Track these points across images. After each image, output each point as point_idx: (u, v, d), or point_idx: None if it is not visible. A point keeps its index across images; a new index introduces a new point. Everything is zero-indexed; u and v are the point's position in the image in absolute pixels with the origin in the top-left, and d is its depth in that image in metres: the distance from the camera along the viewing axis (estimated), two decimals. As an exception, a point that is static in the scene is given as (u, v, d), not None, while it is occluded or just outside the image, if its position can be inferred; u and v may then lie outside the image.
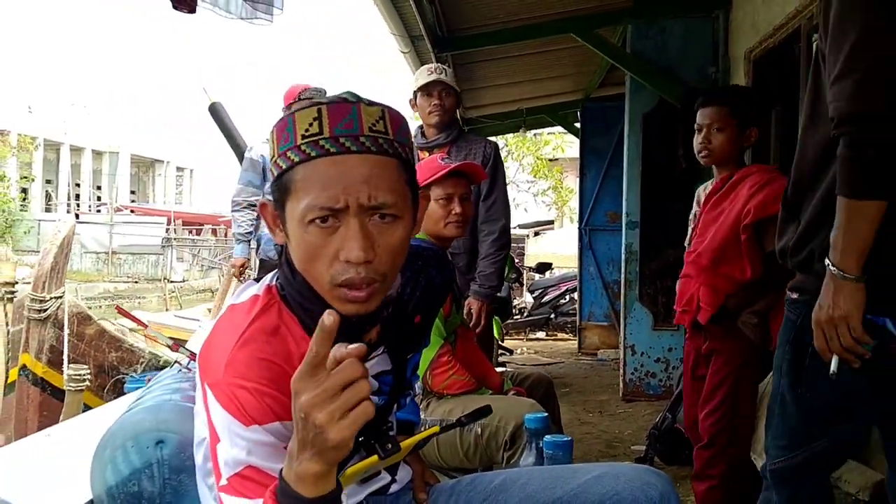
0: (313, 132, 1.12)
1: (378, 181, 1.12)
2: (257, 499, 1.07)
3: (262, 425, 1.09)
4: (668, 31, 5.44)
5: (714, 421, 2.64)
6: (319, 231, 1.11)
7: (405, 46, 5.57)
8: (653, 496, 1.34)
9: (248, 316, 1.18)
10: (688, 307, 2.72)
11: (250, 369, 1.11)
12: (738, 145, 2.69)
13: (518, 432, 2.28)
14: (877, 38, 1.43)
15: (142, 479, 1.59)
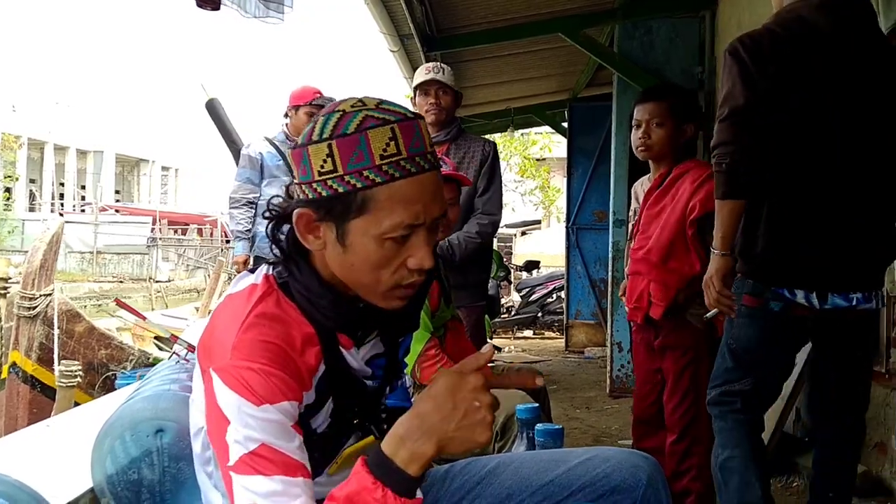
0: (392, 152, 1.15)
1: (440, 194, 1.22)
2: (273, 475, 1.10)
3: (272, 404, 1.13)
4: (655, 32, 5.49)
5: (682, 413, 2.71)
6: (395, 245, 1.18)
7: (394, 45, 5.60)
8: (640, 478, 1.38)
9: (249, 302, 1.21)
10: (639, 304, 2.77)
11: (256, 351, 1.15)
12: (675, 141, 2.75)
13: (509, 423, 2.31)
14: (736, 91, 2.08)
15: (141, 468, 1.61)
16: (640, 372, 2.96)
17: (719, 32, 5.34)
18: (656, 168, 2.82)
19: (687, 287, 2.66)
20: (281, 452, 1.12)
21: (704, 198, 2.59)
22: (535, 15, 5.67)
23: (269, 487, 1.10)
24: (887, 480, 3.17)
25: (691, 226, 2.62)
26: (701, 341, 2.72)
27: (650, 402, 2.87)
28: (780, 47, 2.11)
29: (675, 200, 2.69)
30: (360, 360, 1.32)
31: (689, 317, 2.69)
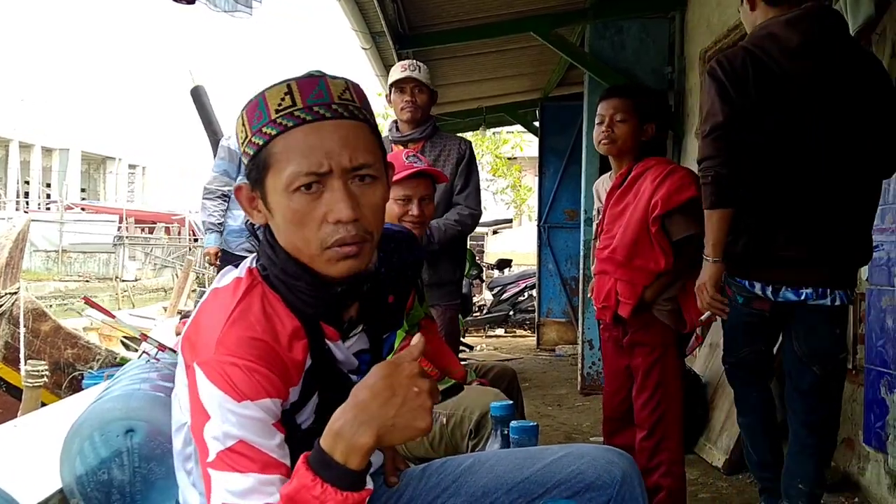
0: (287, 105, 1.16)
1: (356, 143, 1.17)
2: (248, 472, 1.09)
3: (254, 401, 1.11)
4: (626, 32, 5.53)
5: (651, 409, 2.72)
6: (305, 197, 1.16)
7: (366, 43, 5.58)
8: (615, 475, 1.39)
9: (234, 297, 1.20)
10: (607, 303, 2.79)
11: (241, 347, 1.14)
12: (637, 138, 2.78)
13: (483, 421, 2.31)
14: (716, 108, 2.28)
15: (112, 468, 1.59)
16: (609, 369, 2.97)
17: (689, 32, 5.40)
18: (617, 166, 2.85)
19: (652, 284, 2.69)
20: (259, 450, 1.11)
21: (666, 195, 2.62)
22: (507, 14, 5.68)
23: (245, 485, 1.09)
24: (854, 476, 3.22)
25: (654, 223, 2.64)
26: (669, 337, 2.76)
27: (620, 400, 2.89)
28: (755, 68, 2.29)
29: (637, 198, 2.71)
30: (346, 352, 1.31)
31: (657, 312, 2.72)
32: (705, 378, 4.03)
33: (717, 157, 2.27)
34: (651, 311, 2.72)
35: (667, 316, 2.72)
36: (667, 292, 2.71)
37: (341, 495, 1.04)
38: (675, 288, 2.71)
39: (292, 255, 1.22)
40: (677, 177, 2.67)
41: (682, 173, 2.72)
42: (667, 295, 2.71)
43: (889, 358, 2.82)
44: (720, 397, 3.82)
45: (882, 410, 2.85)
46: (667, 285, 2.70)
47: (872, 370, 2.94)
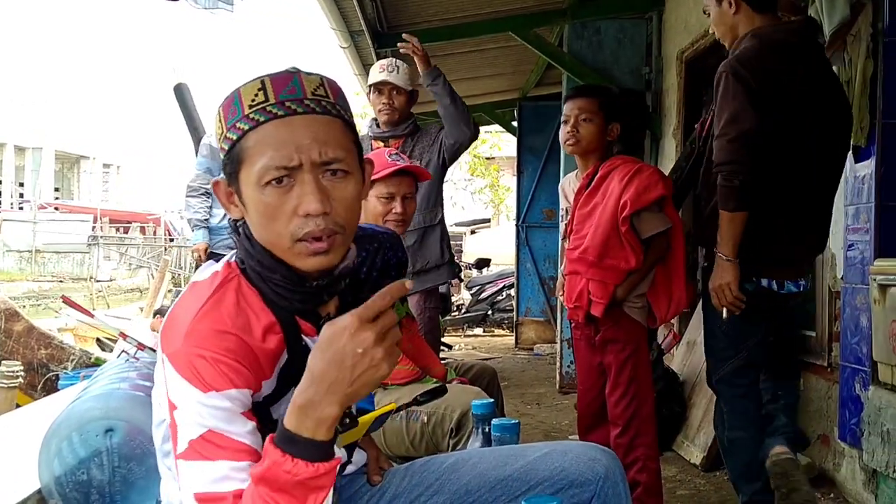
0: (259, 101, 1.18)
1: (326, 138, 1.18)
2: (218, 460, 1.10)
3: (219, 391, 1.12)
4: (604, 32, 5.56)
5: (625, 406, 2.76)
6: (276, 191, 1.17)
7: (345, 41, 5.56)
8: (598, 471, 1.40)
9: (209, 289, 1.21)
10: (579, 302, 2.81)
11: (209, 339, 1.15)
12: (603, 138, 2.81)
13: (464, 420, 2.32)
14: (742, 114, 2.34)
15: (91, 468, 1.58)
16: (582, 368, 2.99)
17: (666, 33, 5.43)
18: (584, 165, 2.89)
19: (623, 282, 2.72)
20: (228, 437, 1.12)
21: (635, 194, 2.66)
22: (486, 13, 5.69)
23: (216, 472, 1.10)
24: (830, 472, 3.26)
25: (624, 222, 2.67)
26: (639, 334, 2.80)
27: (593, 397, 2.91)
28: (769, 70, 2.39)
29: (605, 198, 2.74)
30: None
31: (628, 309, 2.75)
32: (683, 376, 4.07)
33: (744, 164, 2.33)
34: (621, 308, 2.75)
35: (638, 313, 2.77)
36: (637, 289, 2.74)
37: (313, 467, 1.05)
38: (646, 284, 2.75)
39: (267, 249, 1.22)
40: (645, 176, 2.70)
41: (649, 172, 2.75)
42: (637, 292, 2.75)
43: (863, 355, 2.86)
44: (698, 395, 3.86)
45: (857, 407, 2.89)
46: (637, 282, 2.73)
47: (847, 367, 2.98)
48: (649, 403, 2.80)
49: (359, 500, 1.45)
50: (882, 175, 2.81)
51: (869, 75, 2.81)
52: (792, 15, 3.06)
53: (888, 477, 2.63)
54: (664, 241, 2.74)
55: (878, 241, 2.82)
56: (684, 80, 5.10)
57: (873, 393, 2.72)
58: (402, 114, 3.51)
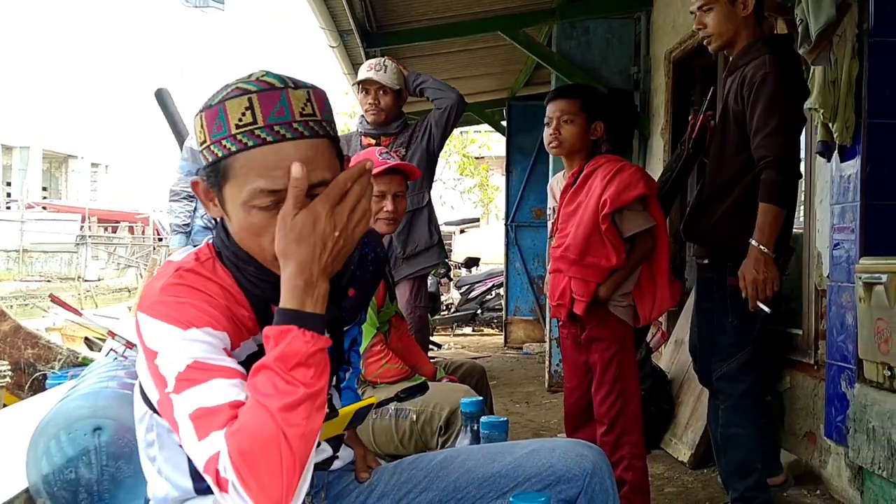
0: (247, 122, 1.16)
1: (315, 163, 1.17)
2: (210, 380, 1.11)
3: (199, 328, 1.15)
4: (592, 32, 5.58)
5: (610, 405, 2.76)
6: (263, 213, 1.18)
7: (334, 41, 5.56)
8: (585, 467, 1.41)
9: (185, 260, 1.25)
10: (561, 300, 2.82)
11: (184, 291, 1.19)
12: (586, 138, 2.82)
13: (452, 418, 2.33)
14: (792, 113, 2.54)
15: (79, 467, 1.58)
16: (568, 366, 2.99)
17: (654, 33, 5.45)
18: (569, 165, 2.89)
19: (606, 280, 2.72)
20: (214, 364, 1.13)
21: (615, 192, 2.66)
22: (475, 13, 5.70)
23: (207, 390, 1.10)
24: (816, 469, 3.29)
25: (604, 220, 2.68)
26: (625, 333, 2.80)
27: (579, 396, 2.91)
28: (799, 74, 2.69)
29: (588, 196, 2.75)
30: None
31: (613, 308, 2.75)
32: (671, 374, 4.08)
33: (796, 160, 2.52)
34: (606, 307, 2.75)
35: (623, 311, 2.77)
36: (622, 288, 2.74)
37: (324, 338, 1.10)
38: (631, 283, 2.75)
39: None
40: (626, 174, 2.71)
41: (631, 171, 2.75)
42: (622, 290, 2.75)
43: (849, 353, 2.88)
44: (685, 393, 3.88)
45: (843, 405, 2.91)
46: (621, 281, 2.74)
47: (833, 365, 3.00)
48: (635, 402, 2.81)
49: (347, 496, 1.46)
50: (867, 174, 2.83)
51: (854, 75, 2.82)
52: (778, 15, 3.08)
53: (873, 474, 2.65)
54: (648, 239, 2.75)
55: (863, 240, 2.83)
56: (672, 80, 5.12)
57: (859, 390, 2.74)
58: (389, 113, 3.54)
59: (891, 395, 2.57)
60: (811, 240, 3.40)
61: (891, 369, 2.58)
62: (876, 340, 2.63)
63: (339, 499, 1.46)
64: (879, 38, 2.81)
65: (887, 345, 2.58)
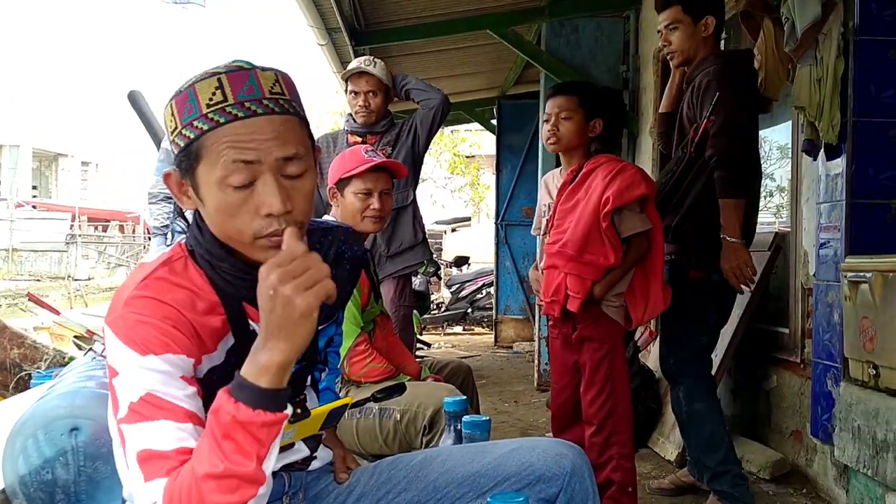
0: (218, 100, 1.16)
1: (287, 137, 1.18)
2: (159, 420, 1.10)
3: (157, 355, 1.13)
4: (581, 30, 5.57)
5: (599, 405, 2.74)
6: (237, 193, 1.17)
7: (322, 39, 5.54)
8: (565, 466, 1.40)
9: (154, 265, 1.23)
10: (556, 297, 2.79)
11: (147, 307, 1.17)
12: (584, 134, 2.81)
13: (436, 417, 2.32)
14: (737, 116, 2.75)
15: (56, 467, 1.56)
16: (557, 365, 2.97)
17: (643, 32, 5.45)
18: (568, 162, 2.88)
19: (601, 279, 2.71)
20: (167, 400, 1.12)
21: (617, 191, 2.65)
22: (464, 11, 5.69)
23: (156, 431, 1.10)
24: (803, 467, 3.29)
25: (605, 218, 2.66)
26: (617, 334, 2.79)
27: (567, 396, 2.89)
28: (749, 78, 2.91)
29: (588, 194, 2.73)
30: None
31: (606, 308, 2.74)
32: (658, 373, 4.08)
33: (739, 155, 2.75)
34: (599, 306, 2.74)
35: (615, 312, 2.75)
36: (616, 288, 2.73)
37: (253, 412, 1.05)
38: (624, 284, 2.74)
39: (219, 239, 1.23)
40: (628, 174, 2.70)
41: (633, 171, 2.75)
42: (616, 291, 2.74)
43: (835, 351, 2.88)
44: (673, 392, 3.87)
45: (829, 403, 2.91)
46: (616, 281, 2.72)
47: (819, 364, 3.00)
48: (625, 403, 2.79)
49: (325, 497, 1.45)
50: (853, 173, 2.83)
51: (840, 74, 2.83)
52: (766, 14, 3.08)
53: (859, 472, 2.65)
54: (644, 241, 2.73)
55: (849, 239, 2.84)
56: (661, 79, 5.12)
57: (844, 389, 2.75)
58: (378, 114, 3.56)
59: (875, 394, 2.58)
60: (798, 238, 3.40)
61: (875, 368, 2.58)
62: (861, 339, 2.63)
63: (318, 499, 1.44)
64: (865, 37, 2.82)
65: (872, 343, 2.58)
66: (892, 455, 2.44)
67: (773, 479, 3.28)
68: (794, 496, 3.15)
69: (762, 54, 3.08)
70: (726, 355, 3.57)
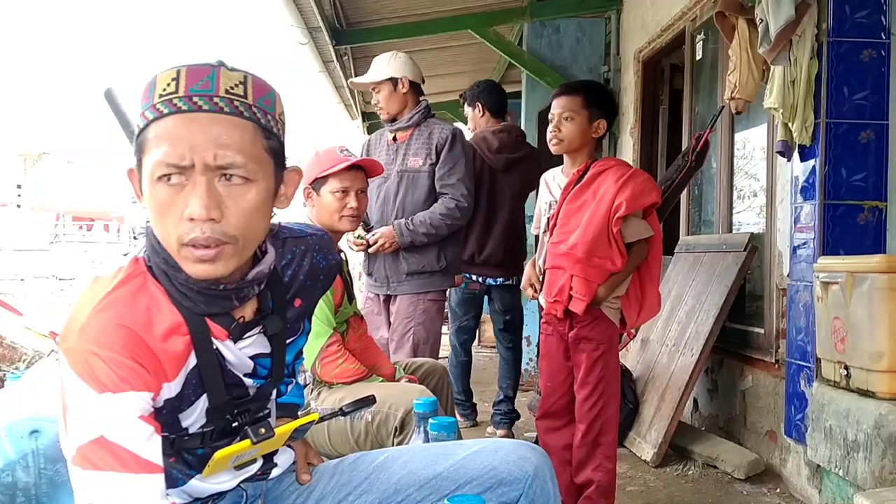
0: (170, 91, 1.12)
1: (227, 141, 1.11)
2: (109, 470, 1.05)
3: (115, 394, 1.07)
4: (563, 31, 5.59)
5: (591, 405, 2.73)
6: (167, 189, 1.11)
7: (304, 38, 5.52)
8: (527, 470, 1.39)
9: (111, 284, 1.16)
10: (559, 297, 2.75)
11: (105, 335, 1.10)
12: (587, 135, 2.76)
13: (408, 418, 2.30)
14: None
15: (16, 470, 1.53)
16: (549, 365, 2.90)
17: (624, 32, 5.47)
18: (573, 163, 2.81)
19: (606, 282, 2.68)
20: (118, 446, 1.07)
21: (631, 196, 2.61)
22: (446, 11, 5.69)
23: (104, 485, 1.06)
24: (777, 467, 3.30)
25: (616, 223, 2.63)
26: (614, 335, 2.77)
27: (560, 395, 2.86)
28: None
29: (597, 197, 2.69)
30: (238, 353, 1.26)
31: (605, 309, 2.73)
32: (636, 373, 4.09)
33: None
34: (599, 308, 2.72)
35: (613, 314, 2.74)
36: (616, 291, 2.73)
37: None
38: (623, 287, 2.73)
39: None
40: (641, 180, 2.67)
41: (645, 177, 2.72)
42: (616, 293, 2.73)
43: (808, 352, 2.90)
44: (649, 392, 3.88)
45: (802, 404, 2.92)
46: (618, 284, 2.71)
47: (793, 364, 3.02)
48: (615, 404, 2.78)
49: (285, 500, 1.43)
50: (826, 174, 2.85)
51: (814, 75, 2.84)
52: (739, 15, 3.09)
53: (831, 472, 2.67)
54: (645, 247, 2.72)
55: (822, 239, 2.86)
56: (641, 79, 5.14)
57: (817, 389, 2.76)
58: (394, 107, 3.48)
59: (847, 394, 2.59)
60: (772, 239, 3.42)
61: (847, 368, 2.59)
62: (833, 340, 2.65)
63: (277, 502, 1.43)
64: (838, 38, 2.84)
65: (843, 344, 2.60)
66: (863, 455, 2.45)
67: (748, 479, 3.29)
68: (768, 496, 3.16)
69: (736, 55, 3.09)
70: (702, 354, 3.58)
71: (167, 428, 1.17)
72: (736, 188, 4.06)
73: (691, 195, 4.55)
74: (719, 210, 4.08)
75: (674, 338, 3.90)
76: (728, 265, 3.68)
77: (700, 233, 4.46)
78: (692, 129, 4.44)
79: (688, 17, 4.36)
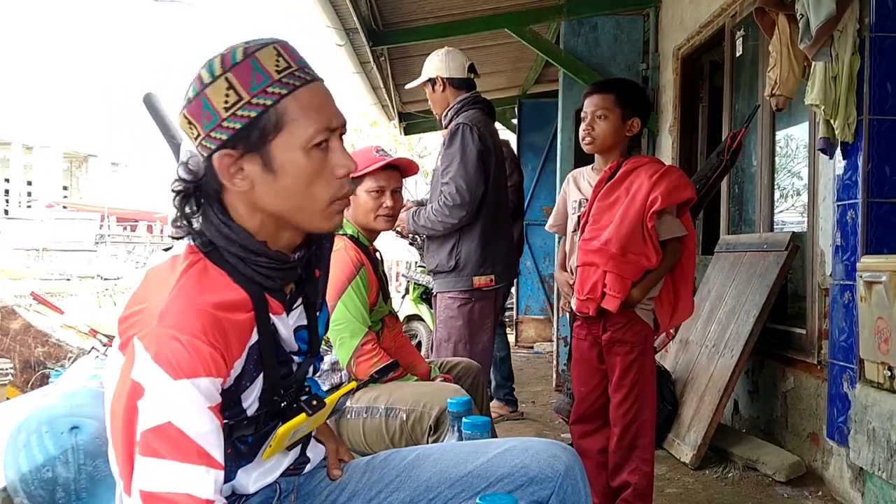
0: (285, 66, 1.19)
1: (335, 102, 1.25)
2: (169, 460, 1.05)
3: (190, 379, 1.08)
4: (600, 29, 5.53)
5: (627, 409, 2.69)
6: (320, 154, 1.21)
7: (340, 39, 5.55)
8: (558, 468, 1.39)
9: (175, 272, 1.18)
10: (591, 294, 2.69)
11: (184, 318, 1.11)
12: (621, 134, 2.72)
13: (443, 417, 2.30)
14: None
15: (56, 466, 1.57)
16: (583, 369, 2.85)
17: (662, 30, 5.41)
18: (604, 161, 2.78)
19: (640, 280, 2.64)
20: (185, 435, 1.07)
21: (666, 191, 2.58)
22: (482, 10, 5.67)
23: (165, 473, 1.05)
24: (819, 470, 3.24)
25: (651, 218, 2.59)
26: (648, 337, 2.72)
27: (594, 400, 2.81)
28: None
29: (631, 193, 2.65)
30: (289, 329, 1.30)
31: (639, 311, 2.69)
32: (675, 374, 4.05)
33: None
34: (633, 310, 2.68)
35: (647, 315, 2.70)
36: (650, 292, 2.69)
37: None
38: (657, 288, 2.69)
39: (254, 233, 1.23)
40: (675, 176, 2.64)
41: (678, 173, 2.68)
42: (650, 295, 2.69)
43: (851, 353, 2.84)
44: (689, 393, 3.84)
45: (844, 405, 2.87)
46: (652, 285, 2.67)
47: (835, 365, 2.96)
48: (651, 407, 2.74)
49: (317, 496, 1.44)
50: (869, 172, 2.79)
51: (856, 71, 2.78)
52: (780, 11, 3.04)
53: (874, 475, 2.61)
54: (679, 247, 2.68)
55: (865, 238, 2.80)
56: (681, 77, 5.08)
57: (860, 391, 2.70)
58: (437, 110, 3.58)
59: (891, 396, 2.54)
60: (814, 238, 3.36)
61: (891, 369, 2.54)
62: (876, 340, 2.59)
63: (309, 498, 1.44)
64: (881, 34, 2.78)
65: (887, 344, 2.54)
66: (907, 458, 2.40)
67: (789, 482, 3.24)
68: (810, 499, 3.10)
69: (777, 52, 3.04)
70: (742, 355, 3.53)
71: (228, 410, 1.18)
72: (778, 186, 4.00)
73: (731, 194, 4.49)
74: (760, 209, 4.01)
75: (713, 339, 3.85)
76: (769, 265, 3.62)
77: (741, 232, 4.40)
78: (731, 127, 4.37)
79: (727, 14, 4.31)
